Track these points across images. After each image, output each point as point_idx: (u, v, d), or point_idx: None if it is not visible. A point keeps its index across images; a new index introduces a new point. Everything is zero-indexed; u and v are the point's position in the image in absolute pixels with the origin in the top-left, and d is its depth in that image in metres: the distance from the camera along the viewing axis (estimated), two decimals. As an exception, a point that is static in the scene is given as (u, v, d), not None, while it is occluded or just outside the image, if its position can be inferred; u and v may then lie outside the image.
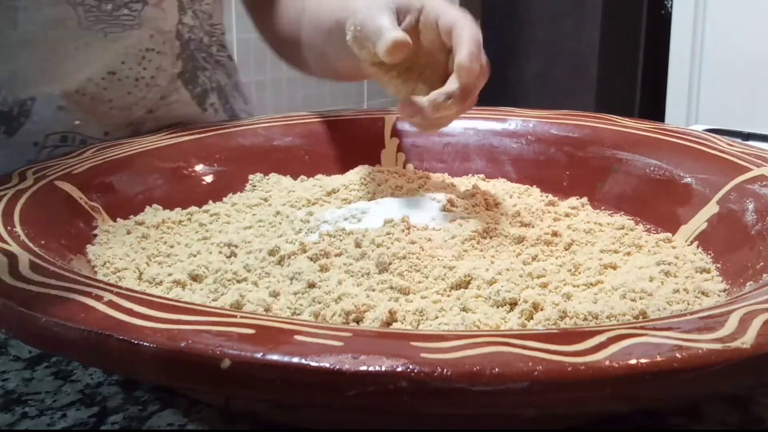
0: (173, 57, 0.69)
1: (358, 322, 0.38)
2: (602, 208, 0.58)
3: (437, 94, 0.48)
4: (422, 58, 0.52)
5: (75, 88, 0.63)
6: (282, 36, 0.77)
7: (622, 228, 0.52)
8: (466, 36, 0.48)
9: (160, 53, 0.67)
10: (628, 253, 0.48)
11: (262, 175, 0.63)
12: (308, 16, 0.71)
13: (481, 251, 0.47)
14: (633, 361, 0.26)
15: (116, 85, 0.65)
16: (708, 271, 0.45)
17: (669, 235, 0.51)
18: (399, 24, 0.51)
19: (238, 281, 0.43)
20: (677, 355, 0.26)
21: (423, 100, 0.49)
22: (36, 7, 0.61)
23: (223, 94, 0.76)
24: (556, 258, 0.47)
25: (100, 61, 0.64)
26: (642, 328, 0.29)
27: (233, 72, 0.80)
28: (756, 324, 0.29)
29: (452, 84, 0.48)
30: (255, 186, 0.62)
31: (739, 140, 0.58)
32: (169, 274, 0.44)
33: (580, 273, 0.45)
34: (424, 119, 0.50)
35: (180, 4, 0.70)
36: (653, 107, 2.52)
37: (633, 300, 0.39)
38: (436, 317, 0.38)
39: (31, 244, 0.39)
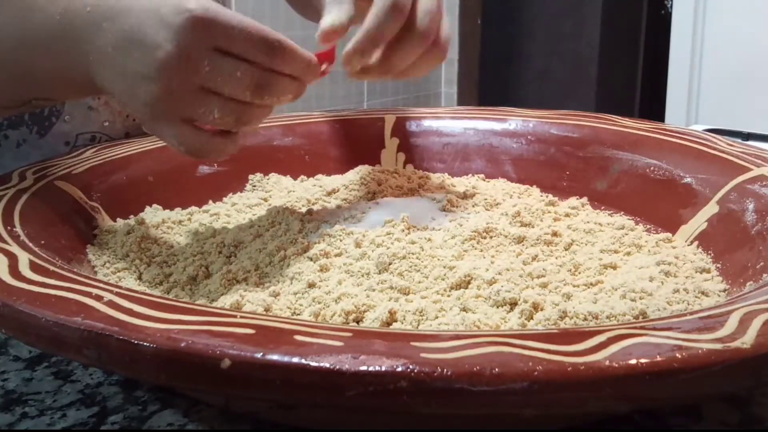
0: None
1: (358, 322, 0.38)
2: (602, 208, 0.58)
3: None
4: None
5: None
6: None
7: (622, 228, 0.52)
8: None
9: None
10: (628, 253, 0.48)
11: (262, 175, 0.63)
12: None
13: (481, 251, 0.47)
14: (633, 361, 0.26)
15: None
16: (708, 271, 0.45)
17: (669, 235, 0.51)
18: None
19: (238, 281, 0.43)
20: (677, 355, 0.26)
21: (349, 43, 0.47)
22: None
23: None
24: (556, 258, 0.47)
25: None
26: (642, 328, 0.29)
27: None
28: (756, 324, 0.29)
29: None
30: (255, 186, 0.62)
31: (739, 140, 0.58)
32: (169, 275, 0.44)
33: (580, 273, 0.45)
34: (362, 61, 0.48)
35: None
36: (653, 107, 2.53)
37: (633, 300, 0.39)
38: (436, 317, 0.38)
39: (31, 244, 0.39)
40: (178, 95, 0.41)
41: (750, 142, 0.63)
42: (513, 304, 0.39)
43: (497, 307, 0.39)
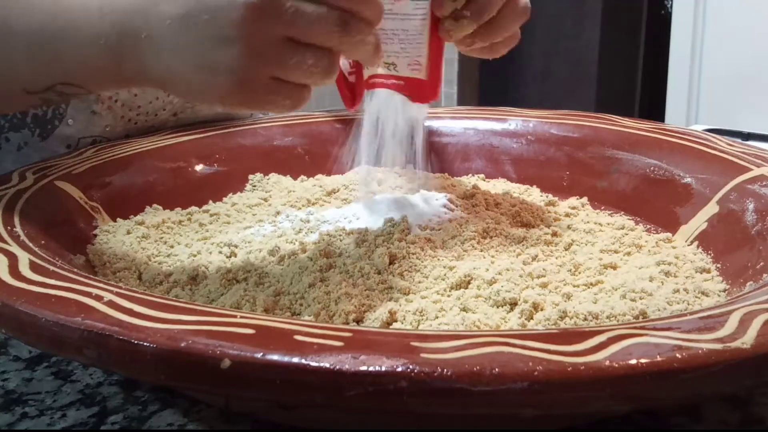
0: None
1: (358, 322, 0.38)
2: (602, 208, 0.58)
3: None
4: None
5: (109, 94, 0.63)
6: None
7: (622, 228, 0.52)
8: None
9: None
10: (628, 253, 0.48)
11: (262, 175, 0.63)
12: None
13: (481, 251, 0.47)
14: (633, 361, 0.26)
15: (147, 91, 0.65)
16: (708, 271, 0.45)
17: (669, 235, 0.51)
18: None
19: (238, 281, 0.43)
20: (677, 355, 0.26)
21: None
22: None
23: None
24: (556, 258, 0.47)
25: None
26: (642, 328, 0.29)
27: None
28: (756, 324, 0.29)
29: None
30: (255, 186, 0.62)
31: (739, 140, 0.58)
32: (169, 274, 0.44)
33: (580, 273, 0.45)
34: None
35: None
36: (653, 107, 2.52)
37: (633, 300, 0.39)
38: (436, 317, 0.38)
39: (31, 244, 0.39)
40: (264, 50, 0.38)
41: (750, 142, 0.63)
42: (513, 304, 0.39)
43: (497, 307, 0.39)
